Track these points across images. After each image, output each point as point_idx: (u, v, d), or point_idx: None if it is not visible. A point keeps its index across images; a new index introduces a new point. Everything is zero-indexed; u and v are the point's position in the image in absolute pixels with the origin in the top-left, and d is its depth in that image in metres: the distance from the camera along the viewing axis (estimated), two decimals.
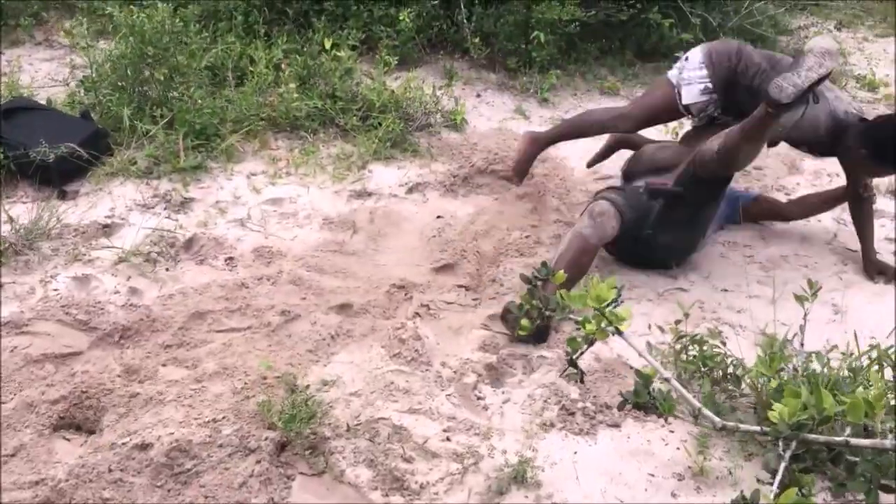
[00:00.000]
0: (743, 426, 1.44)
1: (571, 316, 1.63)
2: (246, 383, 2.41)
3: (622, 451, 2.31)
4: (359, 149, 3.89)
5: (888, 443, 1.22)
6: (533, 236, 3.39)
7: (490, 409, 2.44)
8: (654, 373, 1.48)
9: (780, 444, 1.22)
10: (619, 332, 1.45)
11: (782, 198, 3.80)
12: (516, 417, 2.41)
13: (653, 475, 2.24)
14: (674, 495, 2.19)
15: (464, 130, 4.26)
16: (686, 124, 3.78)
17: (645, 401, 1.46)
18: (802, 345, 2.29)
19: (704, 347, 2.44)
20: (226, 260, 3.08)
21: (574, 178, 3.95)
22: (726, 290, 3.15)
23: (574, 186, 3.86)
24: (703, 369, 2.41)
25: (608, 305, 1.44)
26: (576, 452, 2.29)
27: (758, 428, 1.39)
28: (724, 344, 2.45)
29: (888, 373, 2.16)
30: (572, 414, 2.41)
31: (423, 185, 3.75)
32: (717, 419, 1.43)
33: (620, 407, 1.54)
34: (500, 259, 3.24)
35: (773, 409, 1.27)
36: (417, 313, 2.85)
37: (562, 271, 1.80)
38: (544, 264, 1.86)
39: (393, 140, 3.96)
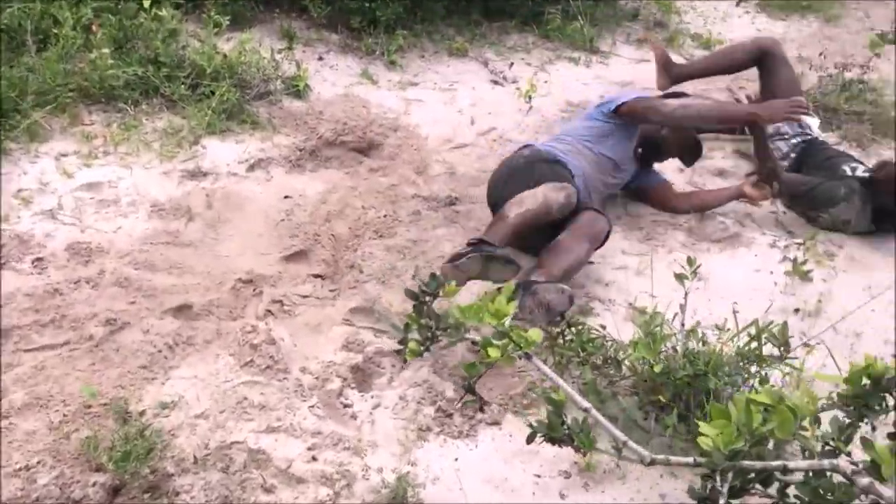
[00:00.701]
0: (674, 458, 1.28)
1: (469, 336, 1.40)
2: (65, 415, 2.02)
3: (505, 453, 2.13)
4: (189, 122, 3.46)
5: (826, 463, 1.10)
6: (391, 214, 3.14)
7: (359, 418, 2.19)
8: (564, 398, 1.29)
9: (718, 476, 1.07)
10: (529, 357, 1.24)
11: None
12: (389, 425, 2.17)
13: (539, 476, 2.08)
14: (562, 496, 2.04)
15: (307, 98, 3.90)
16: None
17: (560, 435, 1.26)
18: (683, 325, 2.19)
19: (581, 330, 2.31)
20: (33, 262, 2.61)
21: (429, 147, 3.71)
22: (591, 262, 3.04)
23: (429, 156, 3.63)
24: (581, 354, 2.27)
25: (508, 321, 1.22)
26: (457, 459, 2.09)
27: (691, 460, 1.24)
28: (604, 328, 2.32)
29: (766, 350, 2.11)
30: (450, 415, 2.21)
31: (266, 160, 3.39)
32: (645, 453, 1.26)
33: (529, 440, 1.34)
34: (357, 241, 2.97)
35: (703, 435, 1.11)
36: (269, 311, 2.54)
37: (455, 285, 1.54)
38: (433, 276, 1.60)
39: (228, 111, 3.55)
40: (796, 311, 2.73)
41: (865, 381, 1.24)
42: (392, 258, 2.86)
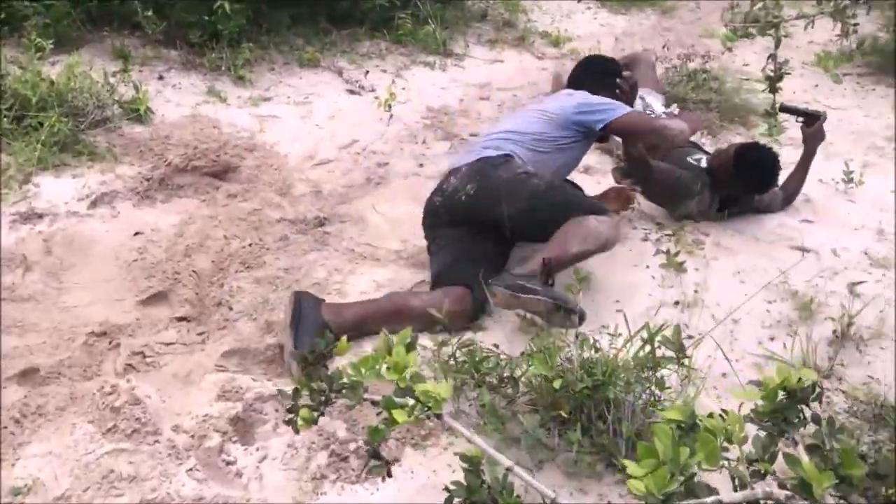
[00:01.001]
0: None
1: (368, 396, 1.26)
2: None
3: (409, 491, 2.00)
4: (17, 158, 3.10)
5: (759, 492, 1.04)
6: (257, 242, 2.93)
7: (245, 475, 1.99)
8: (480, 455, 1.18)
9: None
10: (439, 416, 1.11)
11: None
12: (279, 478, 1.99)
13: None
14: None
15: (151, 122, 3.61)
16: None
17: (481, 498, 1.14)
18: (577, 336, 2.14)
19: (473, 350, 2.22)
20: None
21: (290, 166, 3.52)
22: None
23: (291, 176, 3.44)
24: (476, 376, 2.18)
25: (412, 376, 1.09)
26: None
27: None
28: (497, 346, 2.24)
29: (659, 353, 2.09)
30: (345, 458, 2.05)
31: (110, 195, 3.09)
32: None
33: (447, 502, 1.22)
34: (222, 276, 2.74)
35: (633, 479, 1.03)
36: (130, 366, 2.29)
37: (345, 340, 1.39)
38: (327, 329, 1.43)
39: (61, 143, 3.22)
40: (676, 303, 2.75)
41: (781, 394, 1.21)
42: (263, 291, 2.67)
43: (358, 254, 2.96)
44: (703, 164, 3.37)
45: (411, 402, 1.10)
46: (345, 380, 1.22)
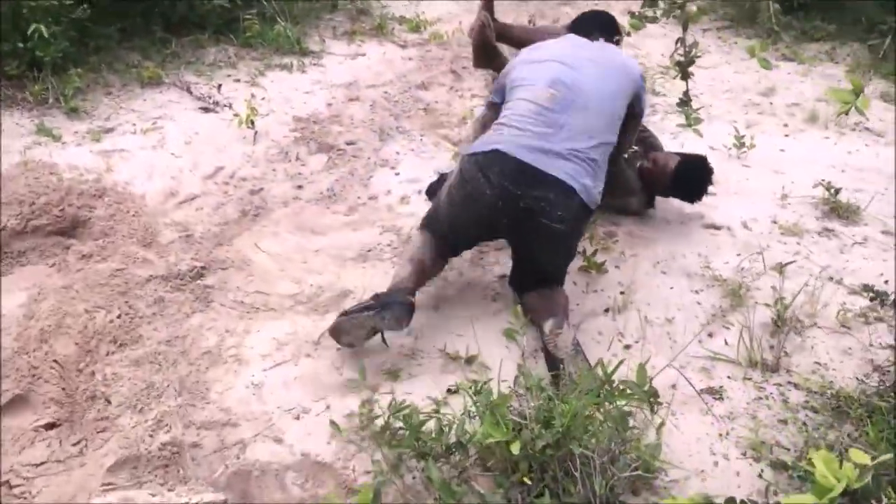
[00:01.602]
0: None
1: None
2: None
3: None
4: None
5: None
6: (127, 311, 2.50)
7: None
8: None
9: None
10: None
11: None
12: None
13: None
14: None
15: None
16: None
17: None
18: (514, 390, 1.90)
19: (409, 416, 1.93)
20: None
21: (150, 209, 3.06)
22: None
23: (154, 221, 2.99)
24: (417, 447, 1.90)
25: None
26: None
27: None
28: (437, 411, 1.97)
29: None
30: None
31: None
32: None
33: None
34: (92, 361, 2.31)
35: None
36: None
37: None
38: None
39: None
40: (606, 311, 2.57)
41: (838, 497, 1.01)
42: (144, 373, 2.26)
43: (249, 306, 2.60)
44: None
45: None
46: None
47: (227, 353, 2.38)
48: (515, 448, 1.75)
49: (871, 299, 2.32)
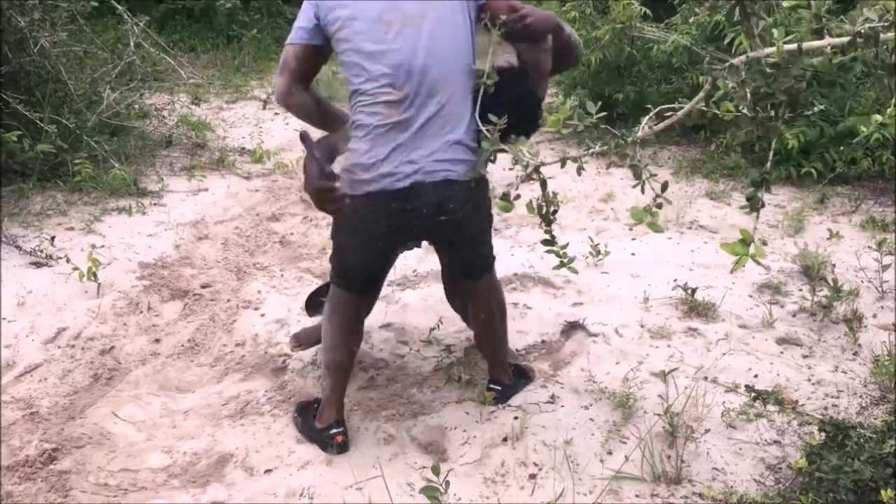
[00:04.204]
0: None
1: None
2: None
3: None
4: None
5: None
6: None
7: None
8: None
9: None
10: None
11: None
12: None
13: None
14: None
15: None
16: None
17: None
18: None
19: None
20: None
21: None
22: None
23: None
24: None
25: None
26: None
27: None
28: None
29: None
30: None
31: None
32: None
33: None
34: None
35: None
36: None
37: None
38: None
39: None
40: (504, 440, 2.50)
41: None
42: None
43: (115, 488, 2.30)
44: None
45: None
46: None
47: None
48: None
49: (754, 399, 2.40)
